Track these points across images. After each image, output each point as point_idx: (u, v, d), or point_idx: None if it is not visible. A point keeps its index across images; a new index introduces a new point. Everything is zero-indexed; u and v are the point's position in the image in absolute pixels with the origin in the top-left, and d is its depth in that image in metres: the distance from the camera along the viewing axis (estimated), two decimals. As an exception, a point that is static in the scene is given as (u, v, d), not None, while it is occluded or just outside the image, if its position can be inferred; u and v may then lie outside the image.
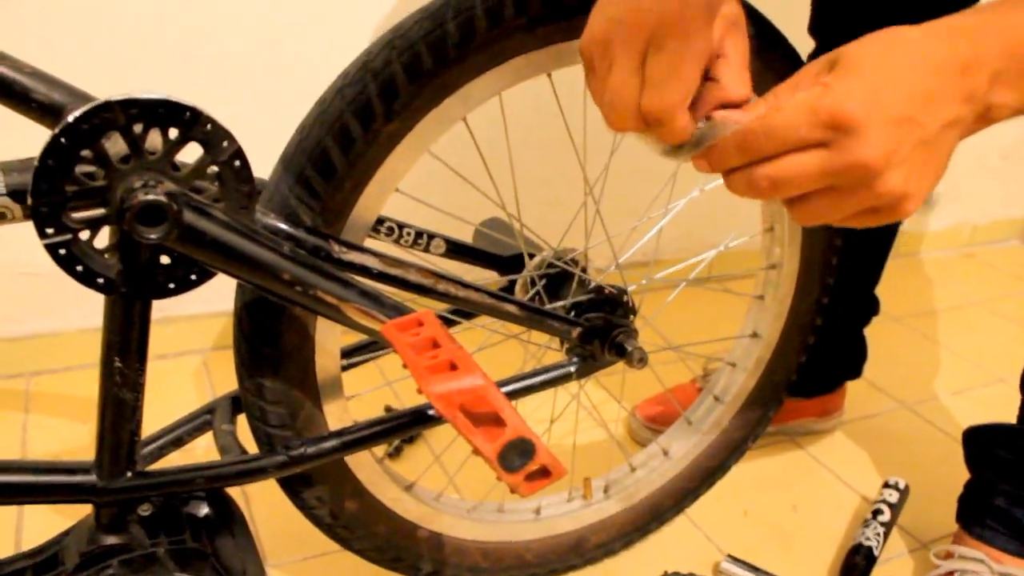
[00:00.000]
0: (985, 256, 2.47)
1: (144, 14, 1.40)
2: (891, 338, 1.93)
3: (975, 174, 2.41)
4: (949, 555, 1.20)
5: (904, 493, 1.37)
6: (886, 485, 1.38)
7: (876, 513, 1.32)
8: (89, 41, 1.38)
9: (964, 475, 1.26)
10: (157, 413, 0.95)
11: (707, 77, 0.65)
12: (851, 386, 1.58)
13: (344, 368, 0.92)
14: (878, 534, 1.27)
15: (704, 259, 1.23)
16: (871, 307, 1.48)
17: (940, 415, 1.66)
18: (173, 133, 0.66)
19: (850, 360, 1.53)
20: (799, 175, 0.58)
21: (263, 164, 0.81)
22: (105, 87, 0.68)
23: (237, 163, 0.70)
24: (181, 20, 1.42)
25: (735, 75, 0.65)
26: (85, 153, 0.64)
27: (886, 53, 0.57)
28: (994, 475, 1.21)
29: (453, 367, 0.66)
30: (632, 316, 1.02)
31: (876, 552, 1.25)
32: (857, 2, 1.17)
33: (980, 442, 1.25)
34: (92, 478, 0.77)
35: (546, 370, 0.99)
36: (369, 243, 0.85)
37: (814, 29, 1.25)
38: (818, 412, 1.55)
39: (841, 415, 1.58)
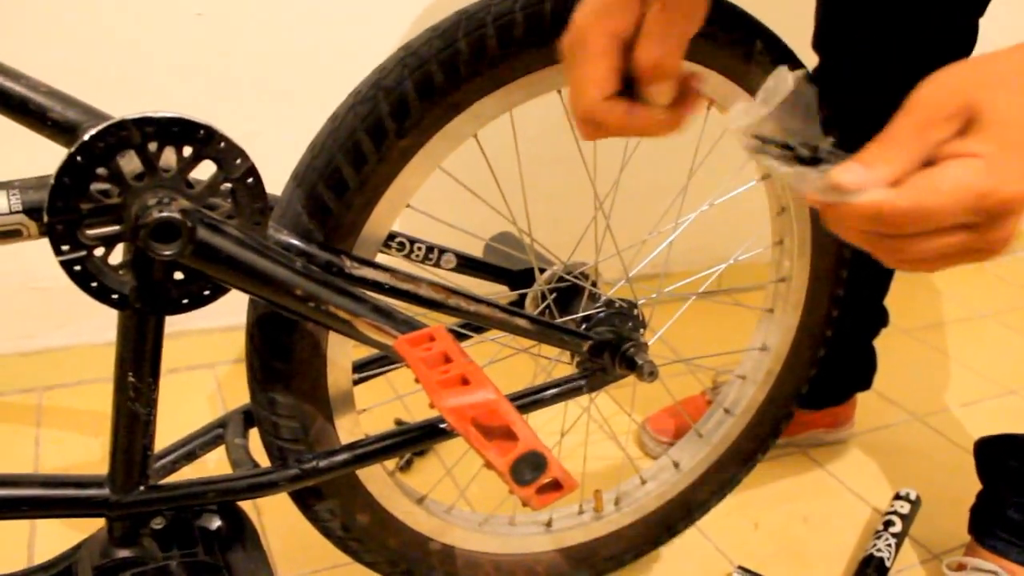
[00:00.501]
0: (995, 268, 2.46)
1: (158, 33, 1.41)
2: (901, 350, 1.93)
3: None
4: (962, 567, 1.20)
5: (915, 504, 1.37)
6: (897, 496, 1.38)
7: (887, 524, 1.31)
8: (104, 60, 1.39)
9: (975, 486, 1.26)
10: (170, 427, 0.96)
11: None
12: (861, 398, 1.58)
13: (356, 382, 0.92)
14: (889, 545, 1.27)
15: (714, 272, 1.24)
16: (880, 319, 1.48)
17: (951, 427, 1.65)
18: (187, 151, 0.67)
19: (860, 372, 1.53)
20: (944, 257, 0.52)
21: (276, 181, 0.81)
22: (120, 106, 0.69)
23: (250, 180, 0.70)
24: (196, 39, 1.43)
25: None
26: (100, 171, 0.65)
27: None
28: (1006, 486, 1.20)
29: (465, 381, 0.66)
30: (642, 329, 1.03)
31: (888, 563, 1.24)
32: (861, 18, 1.17)
33: (992, 453, 1.25)
34: (105, 492, 0.77)
35: (557, 383, 0.99)
36: (380, 258, 0.85)
37: (818, 45, 1.25)
38: (828, 424, 1.54)
39: (851, 427, 1.58)
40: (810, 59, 1.25)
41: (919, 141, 0.51)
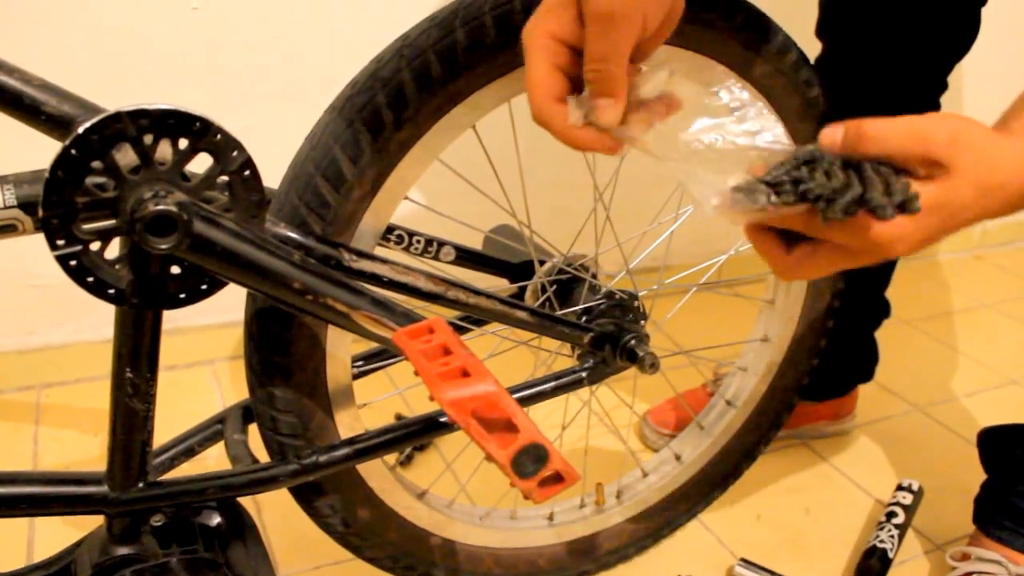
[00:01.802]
0: (995, 258, 2.46)
1: (155, 27, 1.40)
2: (902, 341, 1.92)
3: (984, 175, 2.40)
4: (965, 557, 1.19)
5: (918, 495, 1.36)
6: (900, 487, 1.37)
7: (890, 515, 1.31)
8: (100, 54, 1.38)
9: (978, 476, 1.26)
10: (168, 423, 0.95)
11: None
12: (863, 389, 1.57)
13: (355, 376, 0.92)
14: (892, 536, 1.27)
15: (715, 264, 1.23)
16: (882, 310, 1.48)
17: (952, 417, 1.65)
18: (183, 143, 0.66)
19: (861, 363, 1.52)
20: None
21: (273, 173, 0.81)
22: (115, 99, 0.68)
23: (247, 173, 0.70)
24: (193, 32, 1.43)
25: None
26: (95, 164, 0.64)
27: (981, 204, 0.60)
28: (1011, 476, 1.20)
29: (465, 374, 0.65)
30: (643, 321, 1.02)
31: (891, 555, 1.24)
32: (865, 5, 1.17)
33: (996, 443, 1.24)
34: (104, 489, 0.77)
35: (557, 376, 0.98)
36: (379, 251, 0.85)
37: (822, 32, 1.24)
38: (830, 415, 1.54)
39: (853, 418, 1.57)
40: (813, 46, 1.24)
41: (895, 150, 0.57)
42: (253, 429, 0.92)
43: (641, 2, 0.61)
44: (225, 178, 0.69)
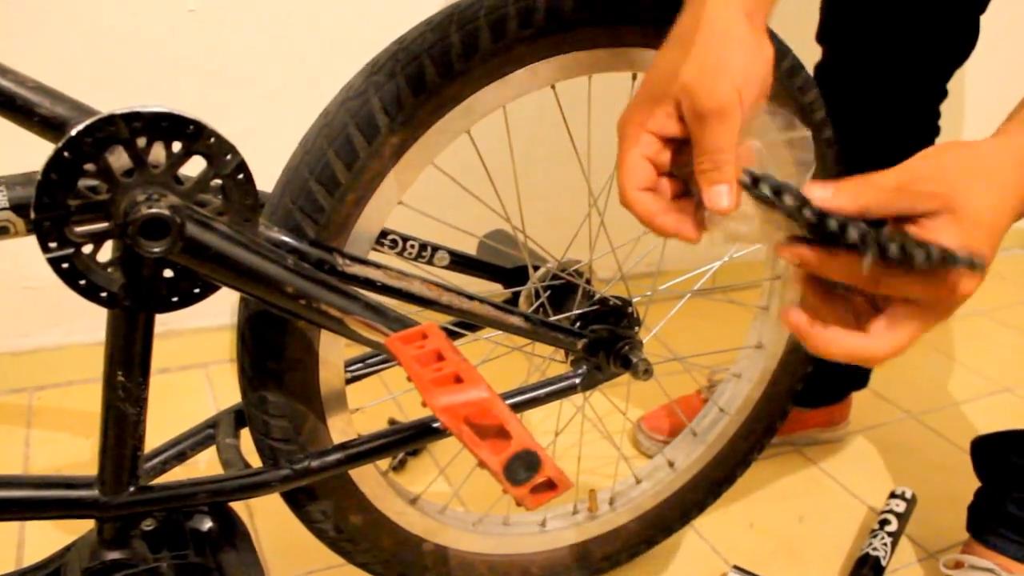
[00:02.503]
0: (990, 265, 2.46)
1: (150, 29, 1.40)
2: (896, 348, 1.92)
3: (978, 183, 2.40)
4: (959, 564, 1.19)
5: (911, 503, 1.36)
6: (893, 495, 1.37)
7: (883, 523, 1.31)
8: (94, 56, 1.38)
9: (971, 484, 1.26)
10: (160, 427, 0.95)
11: None
12: (857, 396, 1.57)
13: (348, 381, 0.91)
14: (885, 544, 1.27)
15: (709, 270, 1.23)
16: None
17: (946, 424, 1.65)
18: (176, 146, 0.66)
19: (856, 371, 1.52)
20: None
21: (267, 177, 0.80)
22: (109, 101, 0.68)
23: (240, 176, 0.69)
24: (188, 35, 1.43)
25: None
26: (88, 167, 0.64)
27: (998, 206, 0.61)
28: (1007, 482, 1.20)
29: (458, 380, 0.65)
30: (637, 327, 1.02)
31: (884, 562, 1.24)
32: (866, 12, 1.17)
33: (990, 450, 1.24)
34: (95, 493, 0.76)
35: (551, 382, 0.98)
36: (373, 256, 0.85)
37: (823, 38, 1.25)
38: (824, 422, 1.54)
39: (847, 425, 1.58)
40: (814, 52, 1.24)
41: (896, 199, 0.59)
42: (245, 434, 0.92)
43: (741, 89, 0.63)
44: (219, 181, 0.69)
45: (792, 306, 0.65)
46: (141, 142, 0.65)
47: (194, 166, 0.67)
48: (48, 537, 1.14)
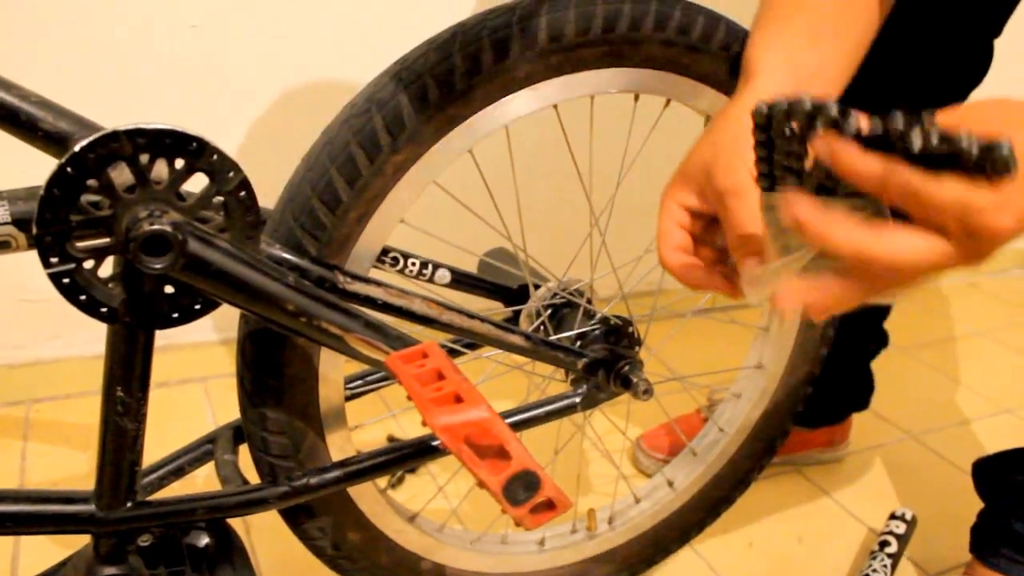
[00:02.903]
0: (989, 286, 2.47)
1: (153, 45, 1.40)
2: (896, 368, 1.92)
3: (979, 204, 2.40)
4: (959, 587, 1.19)
5: (911, 524, 1.36)
6: (893, 516, 1.37)
7: (883, 544, 1.30)
8: (97, 71, 1.38)
9: (971, 505, 1.25)
10: (158, 442, 0.95)
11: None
12: (857, 416, 1.57)
13: (348, 398, 0.91)
14: (885, 566, 1.26)
15: (709, 289, 1.23)
16: (880, 341, 1.47)
17: (946, 445, 1.65)
18: (179, 163, 0.66)
19: (857, 393, 1.52)
20: (918, 255, 0.53)
21: (269, 194, 0.80)
22: (112, 117, 0.68)
23: (243, 193, 0.69)
24: (191, 51, 1.43)
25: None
26: (91, 183, 0.64)
27: None
28: (1012, 501, 1.19)
29: (458, 399, 0.65)
30: (637, 347, 1.02)
31: (883, 585, 1.24)
32: (880, 39, 1.16)
33: (994, 470, 1.24)
34: (91, 508, 0.76)
35: (551, 401, 0.98)
36: (374, 274, 0.85)
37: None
38: (824, 443, 1.54)
39: (847, 446, 1.57)
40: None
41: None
42: (244, 450, 0.91)
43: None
44: (221, 198, 0.69)
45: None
46: (144, 158, 0.65)
47: (196, 182, 0.67)
48: (44, 552, 1.14)
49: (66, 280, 0.65)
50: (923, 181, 0.50)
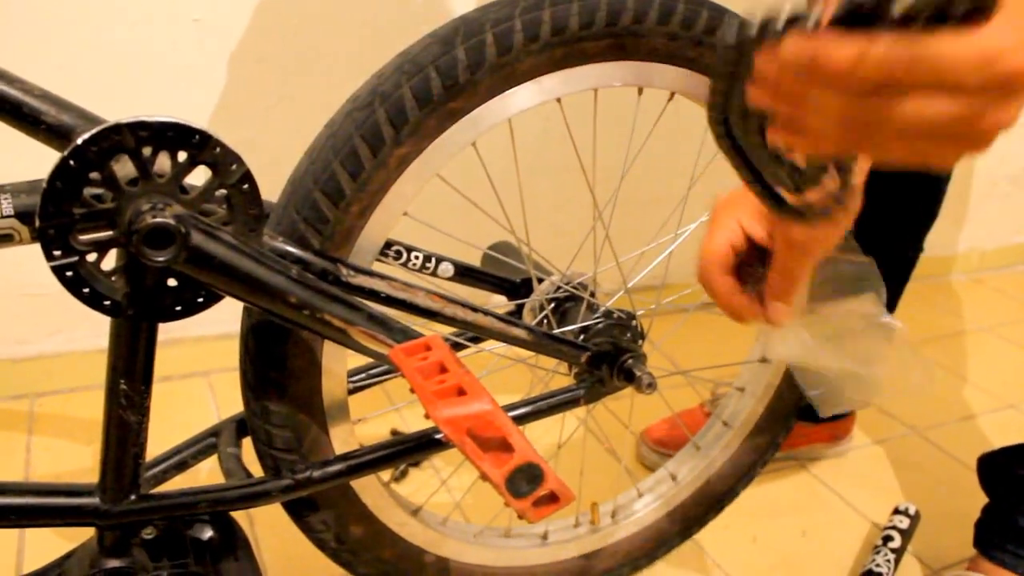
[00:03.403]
0: (994, 282, 2.46)
1: (155, 38, 1.40)
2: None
3: (984, 200, 2.40)
4: (964, 582, 1.19)
5: (915, 519, 1.36)
6: (896, 511, 1.37)
7: (886, 539, 1.30)
8: (100, 65, 1.38)
9: (975, 501, 1.25)
10: (161, 435, 0.95)
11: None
12: (861, 411, 1.57)
13: (351, 391, 0.91)
14: (888, 561, 1.26)
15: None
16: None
17: (950, 441, 1.64)
18: (182, 156, 0.66)
19: (861, 387, 1.52)
20: (929, 135, 0.45)
21: (272, 187, 0.80)
22: (115, 110, 0.68)
23: (246, 186, 0.69)
24: (193, 44, 1.43)
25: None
26: (94, 175, 0.64)
27: None
28: (1017, 496, 1.19)
29: (461, 392, 0.65)
30: (641, 341, 1.02)
31: (886, 580, 1.24)
32: None
33: (998, 465, 1.24)
34: (95, 501, 0.76)
35: (554, 395, 0.98)
36: (377, 267, 0.84)
37: None
38: (827, 438, 1.54)
39: (850, 441, 1.57)
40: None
41: None
42: (247, 443, 0.92)
43: (824, 238, 0.70)
44: (224, 191, 0.69)
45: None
46: (147, 151, 0.65)
47: (200, 175, 0.67)
48: (48, 545, 1.14)
49: (69, 273, 0.66)
50: (929, 44, 0.42)
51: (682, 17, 0.87)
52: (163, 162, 0.66)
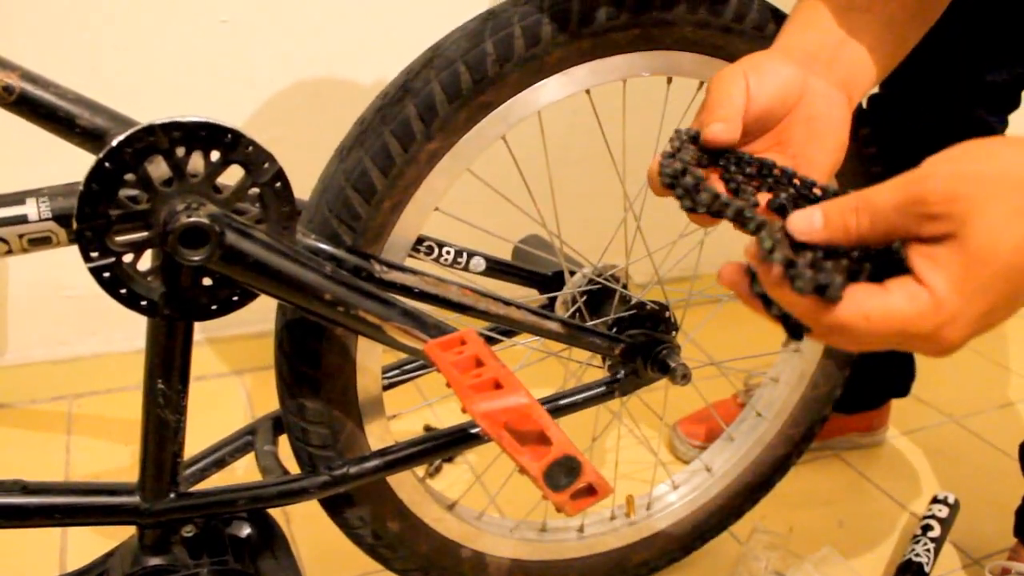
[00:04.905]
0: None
1: (185, 40, 1.41)
2: (935, 351, 1.89)
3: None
4: (1005, 571, 1.17)
5: (954, 508, 1.34)
6: (935, 500, 1.35)
7: (926, 529, 1.29)
8: (131, 67, 1.40)
9: (1015, 489, 1.24)
10: (199, 434, 0.96)
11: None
12: (896, 400, 1.55)
13: (385, 387, 0.92)
14: (928, 550, 1.25)
15: (746, 273, 1.22)
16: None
17: (988, 428, 1.62)
18: (215, 156, 0.67)
19: (898, 379, 1.50)
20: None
21: (304, 185, 0.81)
22: (146, 112, 0.68)
23: (278, 184, 0.70)
24: (222, 45, 1.44)
25: None
26: (128, 177, 0.65)
27: (1019, 242, 0.45)
28: None
29: (497, 385, 0.65)
30: (674, 332, 1.01)
31: (927, 569, 1.22)
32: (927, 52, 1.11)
33: None
34: (136, 499, 0.77)
35: (588, 387, 0.98)
36: (409, 262, 0.85)
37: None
38: (863, 428, 1.52)
39: (886, 430, 1.56)
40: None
41: (896, 223, 0.47)
42: (283, 440, 0.92)
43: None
44: (256, 190, 0.70)
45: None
46: (180, 151, 0.65)
47: (232, 175, 0.67)
48: (90, 543, 1.15)
49: (106, 274, 0.66)
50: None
51: (710, 5, 0.86)
52: (196, 162, 0.67)
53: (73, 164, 0.73)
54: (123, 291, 0.67)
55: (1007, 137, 0.49)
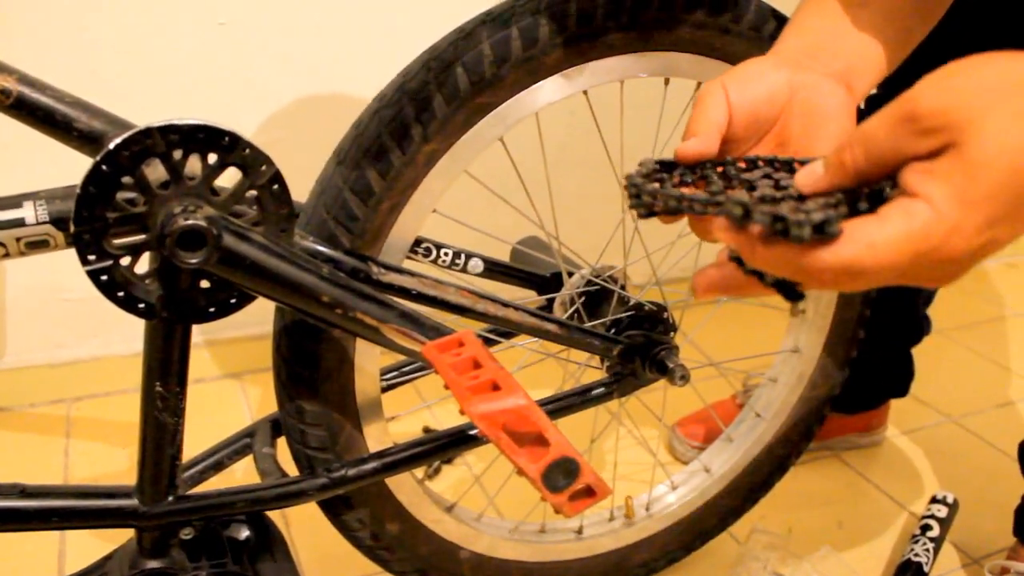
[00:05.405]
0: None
1: (182, 43, 1.41)
2: (934, 350, 1.89)
3: (1016, 182, 2.37)
4: (1005, 571, 1.17)
5: (953, 508, 1.34)
6: (934, 500, 1.35)
7: (925, 528, 1.29)
8: (129, 70, 1.40)
9: (1014, 489, 1.24)
10: (197, 437, 0.96)
11: None
12: (895, 400, 1.55)
13: (384, 389, 0.92)
14: (927, 550, 1.25)
15: (744, 274, 1.22)
16: (922, 327, 1.46)
17: (986, 428, 1.62)
18: (212, 158, 0.67)
19: (897, 379, 1.50)
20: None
21: (301, 187, 0.81)
22: (144, 115, 0.68)
23: (275, 186, 0.70)
24: (219, 48, 1.44)
25: None
26: (126, 180, 0.64)
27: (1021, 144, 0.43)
28: None
29: (495, 387, 0.65)
30: (672, 333, 1.01)
31: (926, 568, 1.22)
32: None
33: None
34: (134, 502, 0.77)
35: (586, 388, 0.98)
36: (407, 264, 0.85)
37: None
38: (861, 428, 1.52)
39: (885, 430, 1.56)
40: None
41: (894, 147, 0.46)
42: (282, 443, 0.92)
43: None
44: (254, 192, 0.70)
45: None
46: (177, 154, 0.65)
47: (230, 177, 0.67)
48: (88, 546, 1.15)
49: (104, 277, 0.66)
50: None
51: (708, 5, 0.86)
52: (194, 165, 0.67)
53: (70, 167, 0.73)
54: (120, 294, 0.67)
55: (998, 52, 0.46)
